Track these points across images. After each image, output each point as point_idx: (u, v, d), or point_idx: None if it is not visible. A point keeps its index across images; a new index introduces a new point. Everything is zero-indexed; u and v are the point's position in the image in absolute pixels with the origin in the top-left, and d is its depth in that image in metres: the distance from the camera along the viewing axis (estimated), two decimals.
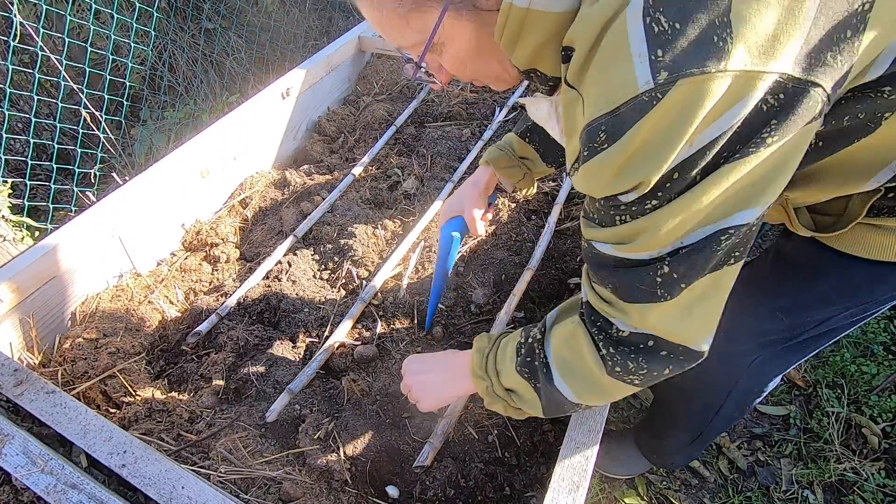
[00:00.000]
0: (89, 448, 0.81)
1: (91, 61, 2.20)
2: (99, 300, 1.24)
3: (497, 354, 0.74)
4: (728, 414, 1.03)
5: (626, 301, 0.58)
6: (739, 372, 0.92)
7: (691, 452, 1.23)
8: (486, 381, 0.75)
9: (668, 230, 0.53)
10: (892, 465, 1.36)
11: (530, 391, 0.70)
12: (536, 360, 0.68)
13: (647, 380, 0.61)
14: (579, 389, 0.65)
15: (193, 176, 1.44)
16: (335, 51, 1.86)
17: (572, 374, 0.65)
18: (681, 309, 0.56)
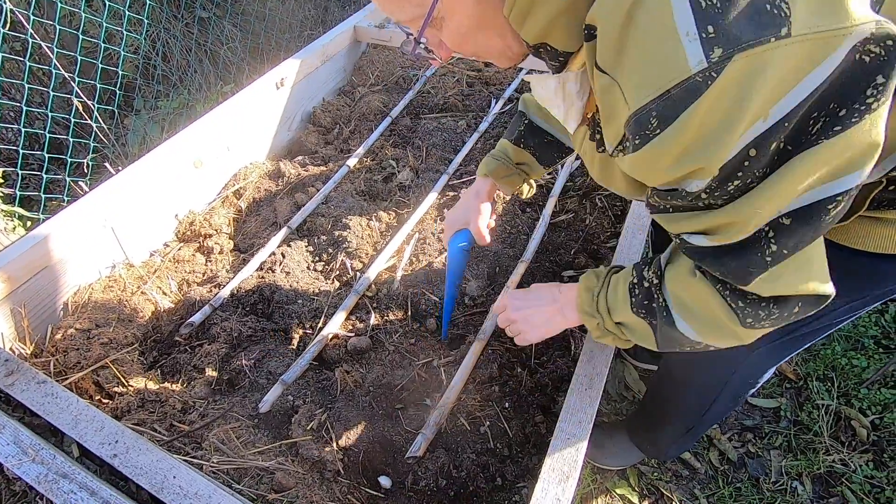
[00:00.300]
0: (81, 438, 0.81)
1: (83, 49, 2.17)
2: (91, 290, 1.24)
3: (608, 294, 0.74)
4: (723, 406, 1.03)
5: (741, 284, 0.56)
6: (737, 364, 0.93)
7: (685, 443, 1.24)
8: (597, 319, 0.75)
9: (764, 209, 0.50)
10: (879, 456, 1.38)
11: (645, 327, 0.70)
12: (654, 303, 0.67)
13: (779, 322, 0.60)
14: (704, 332, 0.64)
15: (187, 166, 1.43)
16: (330, 41, 1.85)
17: (696, 318, 0.63)
18: (798, 267, 0.54)
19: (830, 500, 1.33)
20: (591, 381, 0.86)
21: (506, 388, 1.10)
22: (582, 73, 0.66)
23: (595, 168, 0.72)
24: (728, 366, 0.94)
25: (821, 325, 0.84)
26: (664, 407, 1.17)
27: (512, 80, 2.03)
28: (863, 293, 0.78)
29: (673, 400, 1.12)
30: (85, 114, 1.97)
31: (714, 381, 0.98)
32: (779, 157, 0.48)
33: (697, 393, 1.03)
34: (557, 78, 0.67)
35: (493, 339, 1.19)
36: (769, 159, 0.48)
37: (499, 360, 1.14)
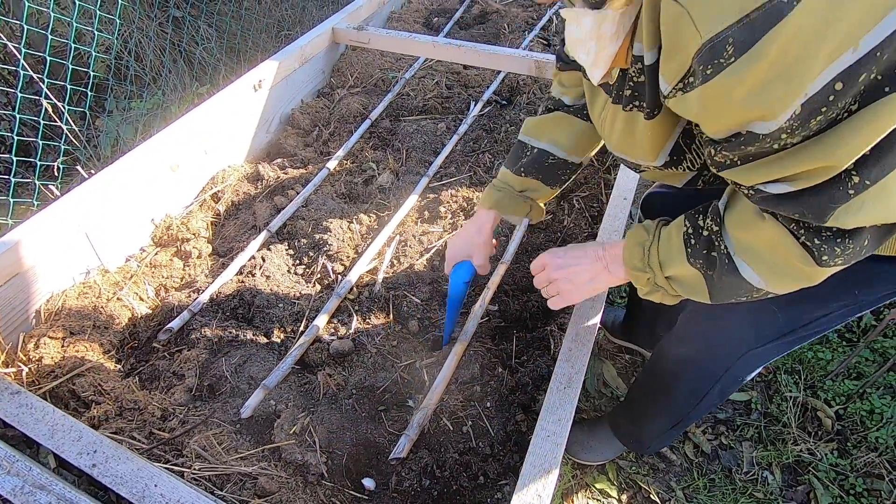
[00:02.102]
0: (58, 449, 0.80)
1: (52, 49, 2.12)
2: (65, 298, 1.21)
3: (660, 247, 0.71)
4: (710, 402, 1.05)
5: (819, 221, 0.53)
6: (730, 363, 0.94)
7: (669, 438, 1.26)
8: (648, 274, 0.72)
9: (855, 147, 0.46)
10: (843, 445, 1.44)
11: (699, 279, 0.67)
12: (715, 251, 0.64)
13: (852, 258, 0.57)
14: (771, 277, 0.61)
15: (163, 169, 1.41)
16: (308, 42, 1.84)
17: (763, 262, 0.60)
18: (878, 196, 0.51)
19: (798, 489, 1.38)
20: (570, 380, 0.89)
21: (487, 388, 1.11)
22: (622, 14, 0.61)
23: (615, 135, 0.70)
24: (720, 364, 0.95)
25: (818, 328, 0.85)
26: (653, 401, 1.19)
27: (491, 82, 2.05)
28: (858, 297, 0.78)
29: (663, 394, 1.14)
30: (55, 115, 1.92)
31: (706, 378, 0.99)
32: (870, 91, 0.44)
33: (688, 388, 1.04)
34: (595, 15, 0.61)
35: (474, 339, 1.20)
36: (858, 92, 0.44)
37: (480, 360, 1.16)
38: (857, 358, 1.59)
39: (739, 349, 0.91)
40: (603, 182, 1.57)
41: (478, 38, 2.32)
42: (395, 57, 2.15)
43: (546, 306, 1.30)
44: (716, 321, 0.92)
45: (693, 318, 0.97)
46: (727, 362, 0.94)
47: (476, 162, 1.70)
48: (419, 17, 2.51)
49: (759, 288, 0.63)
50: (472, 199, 1.54)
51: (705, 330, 0.95)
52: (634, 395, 1.26)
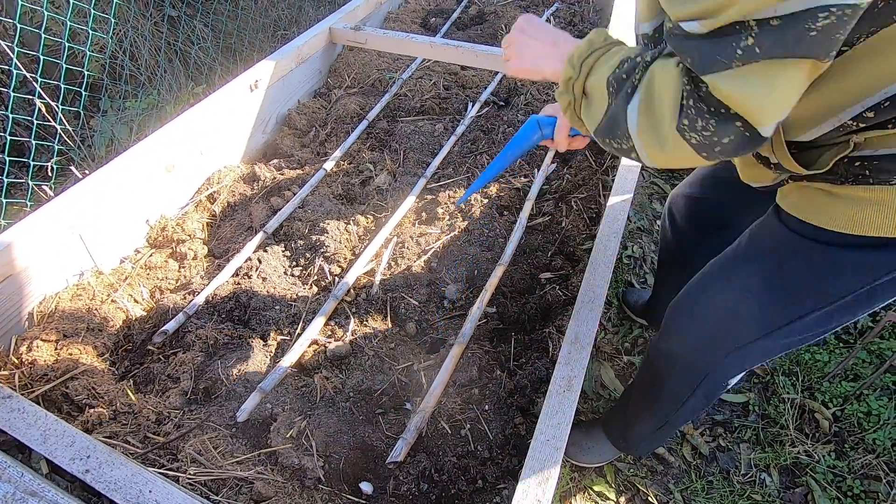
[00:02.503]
0: (50, 454, 0.79)
1: (46, 48, 2.09)
2: (58, 300, 1.20)
3: (602, 56, 0.72)
4: (695, 404, 1.06)
5: (700, 72, 0.56)
6: (713, 361, 0.94)
7: (655, 440, 1.27)
8: (574, 73, 0.73)
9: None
10: (841, 447, 1.44)
11: (602, 104, 0.69)
12: (630, 80, 0.66)
13: (705, 143, 0.60)
14: (642, 123, 0.64)
15: (158, 170, 1.40)
16: (305, 42, 1.83)
17: (649, 102, 0.63)
18: (759, 78, 0.53)
19: (796, 491, 1.38)
20: (569, 383, 0.88)
21: (485, 391, 1.11)
22: None
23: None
24: (702, 366, 0.96)
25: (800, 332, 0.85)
26: (640, 400, 1.19)
27: (488, 83, 2.04)
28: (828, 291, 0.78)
29: (648, 397, 1.15)
30: (48, 115, 1.90)
31: (688, 380, 1.00)
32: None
33: (671, 391, 1.05)
34: None
35: (472, 342, 1.20)
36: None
37: (478, 362, 1.16)
38: (854, 360, 1.59)
39: (721, 347, 0.92)
40: (601, 184, 1.56)
41: (475, 39, 2.32)
42: (392, 57, 2.14)
43: (545, 308, 1.29)
44: (697, 316, 0.93)
45: (676, 312, 0.98)
46: (710, 360, 0.94)
47: (474, 163, 1.70)
48: (416, 18, 2.50)
49: (630, 134, 0.65)
50: (469, 200, 1.53)
51: (687, 324, 0.96)
52: (625, 394, 1.27)
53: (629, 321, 1.73)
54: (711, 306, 0.91)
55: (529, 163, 1.70)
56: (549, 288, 1.32)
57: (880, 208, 0.68)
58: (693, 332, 0.95)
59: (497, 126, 1.83)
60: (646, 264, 1.92)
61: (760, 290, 0.85)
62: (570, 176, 1.63)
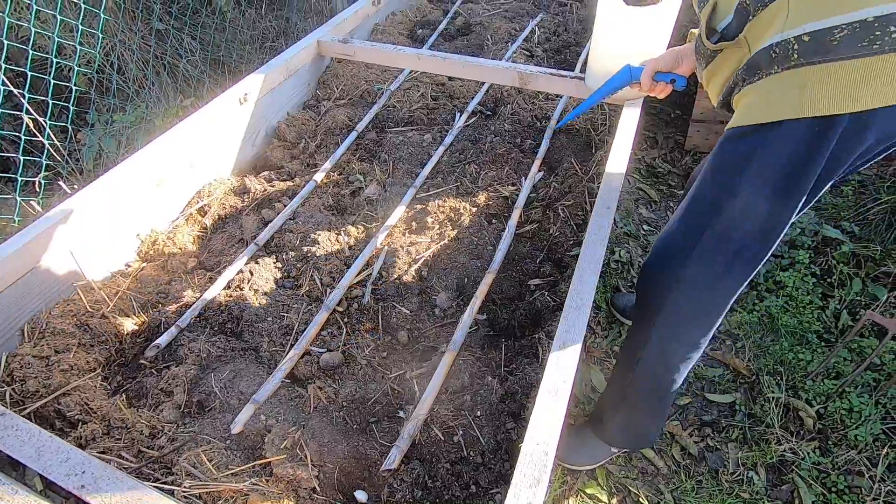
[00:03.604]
0: (45, 470, 0.79)
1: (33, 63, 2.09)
2: (49, 316, 1.20)
3: None
4: (651, 366, 1.08)
5: None
6: (654, 292, 1.01)
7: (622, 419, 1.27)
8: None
9: None
10: (825, 444, 1.48)
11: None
12: None
13: None
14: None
15: (148, 184, 1.40)
16: (293, 55, 1.85)
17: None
18: None
19: (782, 488, 1.41)
20: (558, 388, 0.90)
21: (477, 397, 1.12)
22: None
23: None
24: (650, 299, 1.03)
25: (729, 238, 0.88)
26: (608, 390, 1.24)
27: (475, 93, 2.08)
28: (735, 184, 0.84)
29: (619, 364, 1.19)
30: (36, 130, 1.90)
31: (641, 320, 1.07)
32: None
33: (629, 345, 1.12)
34: None
35: (463, 349, 1.22)
36: None
37: (470, 369, 1.17)
38: (836, 358, 1.63)
39: (661, 269, 0.99)
40: (587, 191, 1.60)
41: (462, 50, 2.35)
42: (380, 69, 2.17)
43: (534, 315, 1.32)
44: (651, 254, 1.03)
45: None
46: (653, 284, 1.01)
47: (462, 172, 1.72)
48: (404, 30, 2.53)
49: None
50: (458, 209, 1.56)
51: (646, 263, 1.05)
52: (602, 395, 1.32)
53: (618, 325, 1.76)
54: (660, 241, 1.00)
55: (517, 171, 1.73)
56: (538, 294, 1.34)
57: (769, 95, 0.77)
58: (644, 272, 1.04)
59: (484, 136, 1.86)
60: (633, 268, 1.96)
61: (686, 205, 0.94)
62: (557, 184, 1.66)
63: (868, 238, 1.95)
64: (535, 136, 1.88)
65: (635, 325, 1.11)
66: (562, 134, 1.87)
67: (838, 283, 1.86)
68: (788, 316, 1.76)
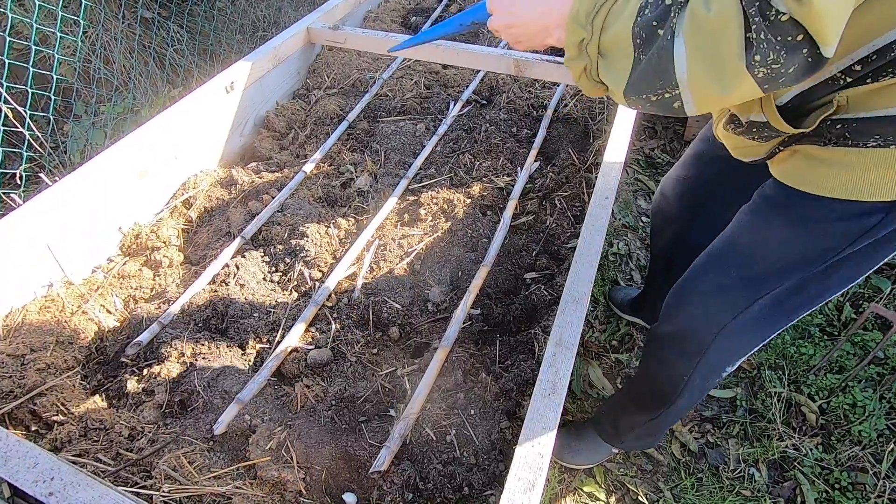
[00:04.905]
0: (11, 477, 0.75)
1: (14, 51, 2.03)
2: (26, 312, 1.15)
3: (613, 7, 0.64)
4: (690, 396, 1.06)
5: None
6: (704, 344, 0.95)
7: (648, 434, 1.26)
8: (585, 34, 0.65)
9: None
10: (827, 439, 1.45)
11: (627, 59, 0.62)
12: (663, 25, 0.59)
13: (772, 77, 0.57)
14: (698, 61, 0.58)
15: (131, 176, 1.35)
16: (282, 43, 1.79)
17: (701, 40, 0.57)
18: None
19: (785, 485, 1.38)
20: (555, 385, 0.86)
21: (471, 395, 1.09)
22: None
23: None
24: (697, 348, 0.97)
25: (782, 292, 0.86)
26: (635, 394, 1.19)
27: (470, 81, 2.02)
28: (809, 255, 0.80)
29: (645, 386, 1.14)
30: (16, 121, 1.84)
31: (684, 365, 1.00)
32: None
33: (669, 377, 1.05)
34: None
35: (457, 345, 1.17)
36: None
37: (463, 366, 1.13)
38: (839, 352, 1.59)
39: (711, 324, 0.93)
40: (584, 182, 1.55)
41: (456, 37, 2.29)
42: (372, 57, 2.11)
43: (530, 309, 1.27)
44: (689, 296, 0.96)
45: (671, 296, 1.01)
46: (701, 338, 0.95)
47: (456, 163, 1.67)
48: (396, 17, 2.47)
49: (678, 82, 0.60)
50: (452, 201, 1.51)
51: (681, 305, 0.98)
52: (621, 388, 1.27)
53: (616, 319, 1.72)
54: (702, 285, 0.94)
55: (512, 161, 1.69)
56: (535, 288, 1.30)
57: (852, 170, 0.70)
58: (685, 312, 0.97)
59: (479, 125, 1.81)
60: (631, 261, 1.92)
61: (743, 263, 0.88)
62: (554, 174, 1.62)
63: None
64: (532, 126, 1.83)
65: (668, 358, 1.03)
66: (559, 123, 1.82)
67: None
68: None
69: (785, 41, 0.54)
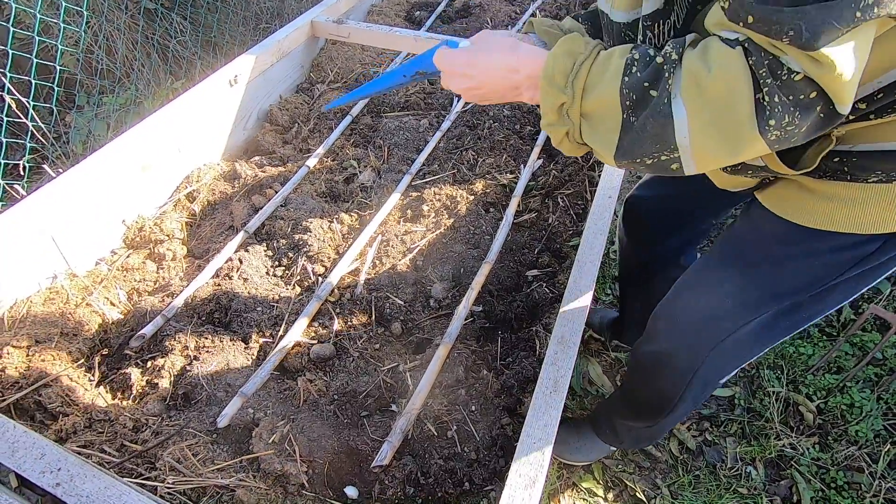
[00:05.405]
0: (19, 467, 0.76)
1: (17, 41, 2.02)
2: (30, 304, 1.16)
3: (594, 66, 0.58)
4: (685, 407, 1.05)
5: (810, 45, 0.47)
6: (698, 363, 0.94)
7: (647, 437, 1.27)
8: (566, 97, 0.59)
9: None
10: (824, 439, 1.46)
11: (614, 121, 0.57)
12: (657, 87, 0.54)
13: (784, 137, 0.53)
14: (704, 122, 0.53)
15: (134, 168, 1.35)
16: (286, 36, 1.79)
17: (705, 109, 0.52)
18: (853, 43, 0.48)
19: (781, 483, 1.39)
20: (556, 383, 0.87)
21: (472, 392, 1.09)
22: None
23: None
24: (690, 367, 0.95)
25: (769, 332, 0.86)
26: (628, 405, 1.19)
27: None
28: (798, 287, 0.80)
29: (637, 399, 1.13)
30: (19, 112, 1.84)
31: (677, 382, 0.98)
32: None
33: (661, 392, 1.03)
34: None
35: (458, 341, 1.18)
36: None
37: (465, 362, 1.14)
38: (837, 352, 1.60)
39: (704, 345, 0.92)
40: (587, 180, 1.55)
41: (461, 33, 2.29)
42: (376, 51, 2.11)
43: (532, 306, 1.28)
44: (678, 319, 0.93)
45: (657, 317, 0.98)
46: (694, 358, 0.94)
47: (459, 159, 1.67)
48: (400, 11, 2.46)
49: (677, 146, 0.56)
50: (455, 197, 1.51)
51: (670, 328, 0.95)
52: (615, 394, 1.27)
53: None
54: (691, 307, 0.91)
55: (515, 158, 1.69)
56: (536, 285, 1.31)
57: (854, 206, 0.68)
58: (675, 334, 0.95)
59: (483, 121, 1.81)
60: None
61: (735, 288, 0.86)
62: (557, 172, 1.62)
63: None
64: (535, 123, 1.83)
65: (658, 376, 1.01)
66: None
67: None
68: None
69: (798, 100, 0.51)
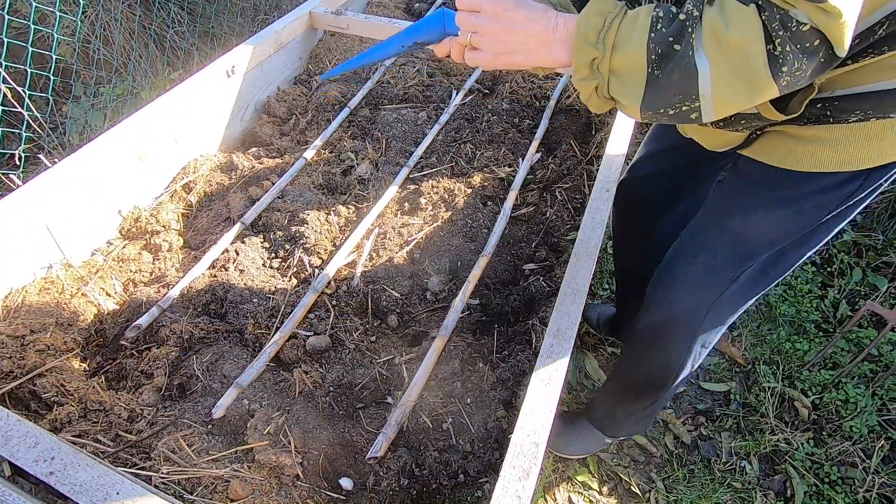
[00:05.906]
0: (12, 456, 0.75)
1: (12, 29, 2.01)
2: (25, 293, 1.15)
3: (623, 23, 0.62)
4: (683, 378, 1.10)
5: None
6: (699, 321, 0.98)
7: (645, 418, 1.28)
8: (597, 53, 0.62)
9: None
10: (819, 434, 1.46)
11: (640, 76, 0.61)
12: (681, 42, 0.58)
13: (793, 82, 0.58)
14: (724, 72, 0.58)
15: (131, 158, 1.35)
16: (284, 27, 1.77)
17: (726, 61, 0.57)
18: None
19: (775, 478, 1.40)
20: (551, 376, 0.87)
21: (468, 384, 1.09)
22: None
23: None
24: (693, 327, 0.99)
25: (767, 259, 0.90)
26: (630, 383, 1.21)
27: (473, 70, 2.01)
28: (788, 231, 0.85)
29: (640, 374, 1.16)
30: (15, 101, 1.83)
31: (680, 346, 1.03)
32: None
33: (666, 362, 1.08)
34: None
35: (454, 334, 1.18)
36: None
37: (461, 355, 1.14)
38: (833, 348, 1.61)
39: (704, 302, 0.96)
40: (586, 173, 1.55)
41: None
42: (375, 43, 2.09)
43: (528, 300, 1.28)
44: (677, 282, 0.98)
45: (656, 285, 1.03)
46: (697, 317, 0.98)
47: (457, 152, 1.67)
48: (400, 3, 2.44)
49: (699, 95, 0.60)
50: (453, 190, 1.51)
51: (669, 292, 1.00)
52: (611, 378, 1.28)
53: None
54: (689, 269, 0.96)
55: (514, 152, 1.68)
56: (533, 279, 1.30)
57: (837, 146, 0.74)
58: (675, 295, 0.99)
59: (481, 115, 1.80)
60: None
61: (731, 242, 0.91)
62: (555, 165, 1.61)
63: (870, 227, 1.92)
64: (534, 116, 1.82)
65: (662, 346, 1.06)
66: (561, 114, 1.81)
67: (838, 273, 1.83)
68: (787, 305, 1.73)
69: (804, 48, 0.56)
